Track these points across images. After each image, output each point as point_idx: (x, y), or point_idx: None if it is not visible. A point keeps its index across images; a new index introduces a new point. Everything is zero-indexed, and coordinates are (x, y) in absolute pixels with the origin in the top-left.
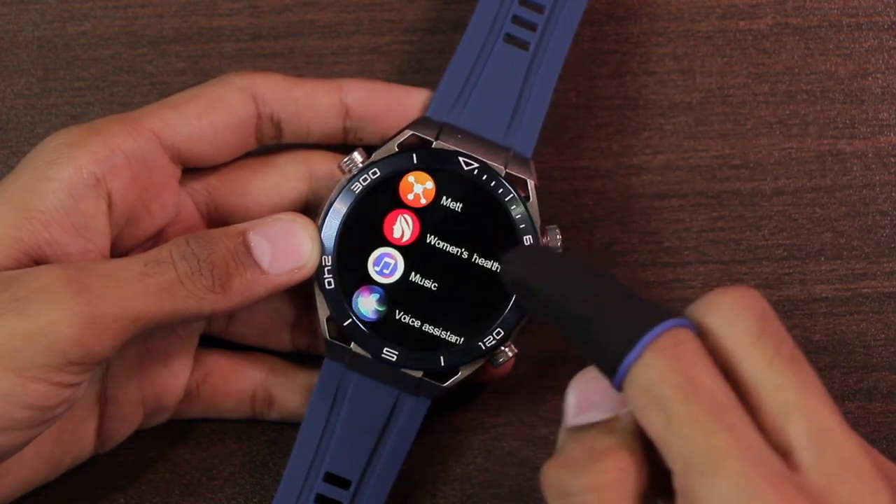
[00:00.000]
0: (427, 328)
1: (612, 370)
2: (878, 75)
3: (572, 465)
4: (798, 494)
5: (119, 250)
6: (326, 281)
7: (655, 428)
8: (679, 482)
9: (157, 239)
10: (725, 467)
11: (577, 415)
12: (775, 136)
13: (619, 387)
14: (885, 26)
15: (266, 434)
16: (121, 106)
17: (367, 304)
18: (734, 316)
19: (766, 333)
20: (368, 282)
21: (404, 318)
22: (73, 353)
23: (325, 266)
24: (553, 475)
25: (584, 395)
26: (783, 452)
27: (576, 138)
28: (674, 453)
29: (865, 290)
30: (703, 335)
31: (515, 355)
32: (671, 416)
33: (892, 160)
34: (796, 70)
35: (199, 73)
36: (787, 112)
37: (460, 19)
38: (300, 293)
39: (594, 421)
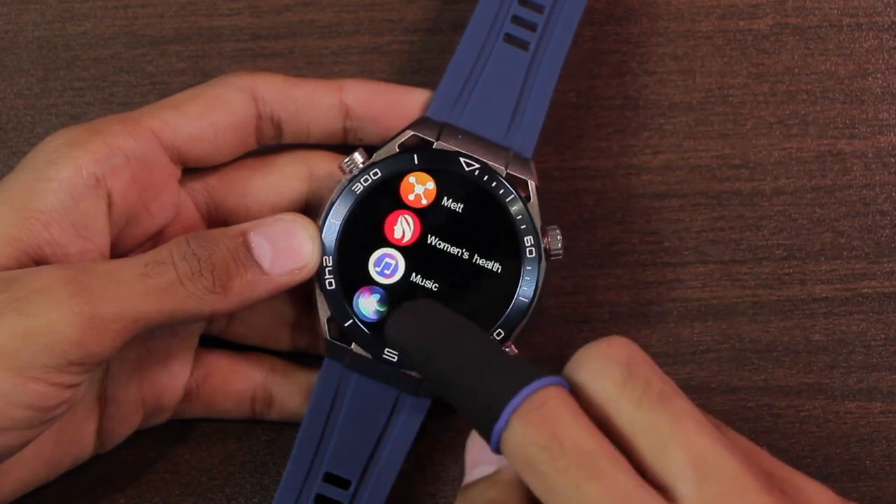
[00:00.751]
0: None
1: (487, 438)
2: (878, 75)
3: None
4: None
5: (119, 250)
6: (327, 281)
7: (534, 488)
8: None
9: (157, 239)
10: None
11: (469, 473)
12: (775, 136)
13: (497, 451)
14: (885, 26)
15: (266, 434)
16: (121, 106)
17: (367, 305)
18: (599, 368)
19: (632, 377)
20: (369, 282)
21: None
22: (72, 354)
23: (326, 266)
24: None
25: (476, 451)
26: (666, 489)
27: (576, 138)
28: None
29: (865, 290)
30: (577, 392)
31: (516, 355)
32: (542, 475)
33: (892, 160)
34: (796, 70)
35: (199, 73)
36: (787, 112)
37: (460, 19)
38: (300, 293)
39: (482, 476)
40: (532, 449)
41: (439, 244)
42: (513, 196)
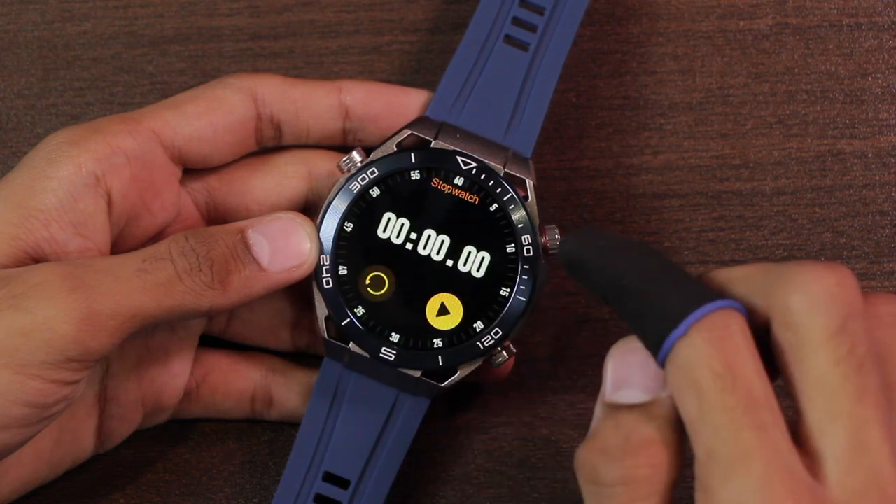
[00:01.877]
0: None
1: (657, 345)
2: (878, 75)
3: (606, 454)
4: None
5: (119, 250)
6: (325, 280)
7: (688, 411)
8: (700, 470)
9: (157, 239)
10: (747, 467)
11: (615, 390)
12: (775, 136)
13: (661, 363)
14: (885, 26)
15: (266, 434)
16: (121, 106)
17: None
18: (818, 305)
19: (844, 332)
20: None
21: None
22: (71, 350)
23: (324, 265)
24: (586, 459)
25: (624, 369)
26: (815, 459)
27: (576, 138)
28: (700, 441)
29: (865, 290)
30: (780, 312)
31: (514, 355)
32: (705, 403)
33: (892, 160)
34: (796, 70)
35: (199, 73)
36: (787, 112)
37: (460, 19)
38: (300, 292)
39: (633, 402)
40: (705, 373)
41: (437, 243)
42: (511, 195)
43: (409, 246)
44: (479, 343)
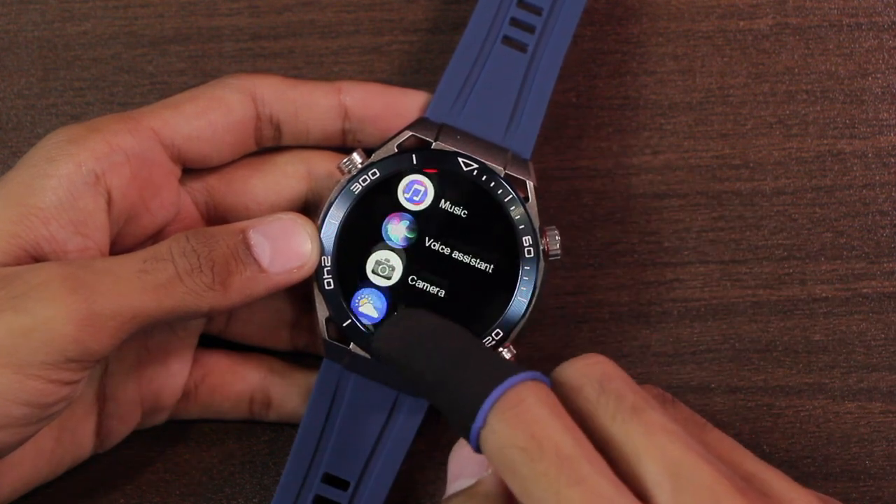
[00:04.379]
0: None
1: (467, 437)
2: (878, 75)
3: None
4: None
5: (119, 249)
6: (325, 281)
7: (514, 490)
8: None
9: (156, 238)
10: None
11: (450, 485)
12: (775, 136)
13: (478, 451)
14: (885, 26)
15: (266, 434)
16: (121, 106)
17: (397, 231)
18: (577, 384)
19: (605, 392)
20: (367, 283)
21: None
22: (70, 351)
23: (325, 267)
24: None
25: (457, 464)
26: (644, 497)
27: (576, 138)
28: None
29: (865, 290)
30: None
31: (514, 356)
32: (520, 477)
33: (892, 160)
34: (796, 70)
35: (199, 73)
36: (787, 112)
37: (460, 19)
38: (299, 293)
39: (462, 488)
40: (511, 450)
41: (437, 245)
42: (511, 196)
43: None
44: None
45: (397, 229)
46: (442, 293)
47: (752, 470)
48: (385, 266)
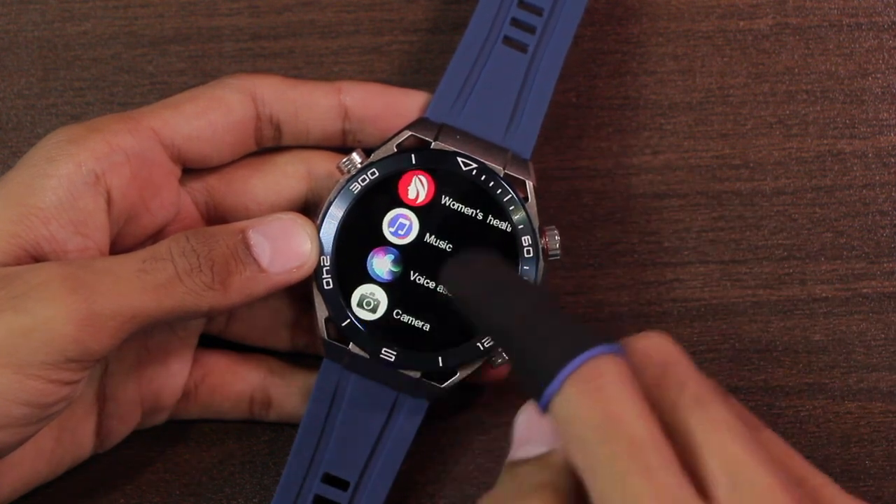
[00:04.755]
0: (425, 329)
1: (537, 396)
2: (878, 75)
3: (500, 501)
4: None
5: (119, 249)
6: (325, 281)
7: (577, 463)
8: None
9: (156, 238)
10: None
11: (517, 448)
12: (775, 136)
13: (544, 412)
14: (885, 26)
15: (266, 434)
16: (121, 106)
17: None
18: (638, 364)
19: (667, 378)
20: (367, 282)
21: (403, 319)
22: (70, 351)
23: (324, 266)
24: None
25: (526, 427)
26: (702, 492)
27: (576, 138)
28: (592, 489)
29: (865, 290)
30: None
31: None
32: (589, 454)
33: (892, 160)
34: (796, 70)
35: (199, 73)
36: (787, 112)
37: (460, 19)
38: (299, 293)
39: (531, 455)
40: (583, 426)
41: (437, 244)
42: (511, 196)
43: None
44: (479, 344)
45: (397, 229)
46: (441, 293)
47: (805, 475)
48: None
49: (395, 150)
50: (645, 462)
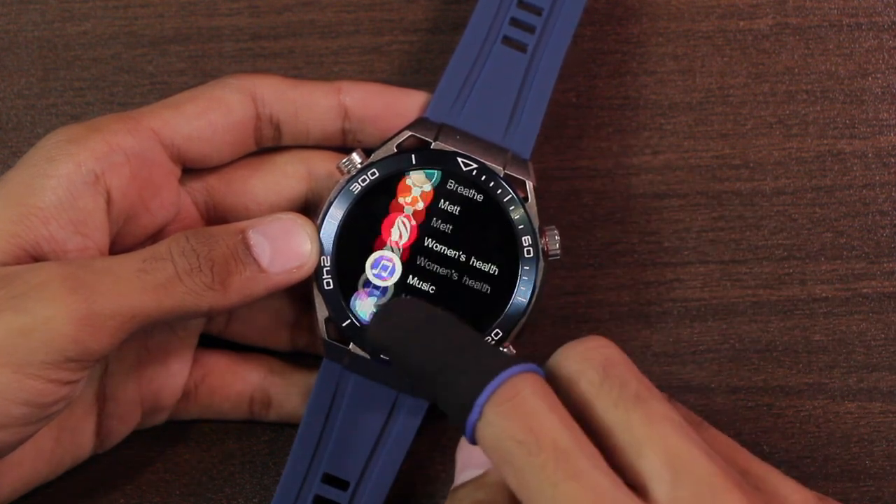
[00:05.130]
0: None
1: (464, 429)
2: (878, 75)
3: None
4: None
5: (119, 248)
6: (325, 282)
7: (510, 482)
8: None
9: (156, 238)
10: None
11: (458, 476)
12: (775, 136)
13: (473, 443)
14: (885, 26)
15: (266, 434)
16: (121, 106)
17: (365, 306)
18: (577, 368)
19: (608, 378)
20: (366, 283)
21: None
22: (70, 350)
23: (324, 267)
24: None
25: (465, 456)
26: (641, 489)
27: (576, 138)
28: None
29: (865, 290)
30: (556, 387)
31: (514, 356)
32: (518, 469)
33: (892, 160)
34: (796, 70)
35: (199, 73)
36: (787, 112)
37: (460, 19)
38: (299, 293)
39: (469, 479)
40: (508, 443)
41: (436, 245)
42: (511, 196)
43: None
44: None
45: (397, 230)
46: (441, 294)
47: (749, 467)
48: (384, 267)
49: (396, 150)
50: (574, 467)
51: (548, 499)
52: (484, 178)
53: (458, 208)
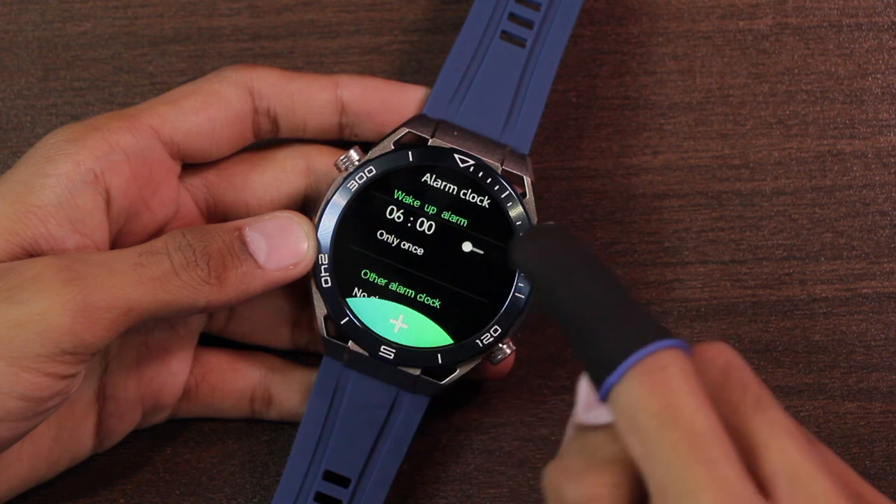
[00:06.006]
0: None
1: (597, 385)
2: (878, 75)
3: (570, 472)
4: None
5: (119, 247)
6: (323, 279)
7: (634, 452)
8: None
9: (157, 236)
10: (698, 501)
11: (585, 411)
12: (775, 136)
13: (603, 400)
14: (885, 26)
15: (266, 434)
16: (121, 106)
17: (363, 303)
18: (700, 368)
19: (729, 381)
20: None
21: None
22: (65, 342)
23: (322, 264)
24: (551, 479)
25: (591, 392)
26: (763, 490)
27: (576, 138)
28: (651, 477)
29: (865, 290)
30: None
31: (514, 352)
32: (648, 442)
33: (892, 160)
34: (796, 70)
35: (199, 73)
36: (787, 112)
37: (460, 19)
38: (299, 290)
39: (600, 423)
40: (642, 415)
41: (435, 241)
42: (508, 193)
43: (406, 246)
44: (478, 341)
45: (395, 227)
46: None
47: (861, 490)
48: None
49: (393, 146)
50: (705, 453)
51: (673, 476)
52: (481, 174)
53: (456, 206)
